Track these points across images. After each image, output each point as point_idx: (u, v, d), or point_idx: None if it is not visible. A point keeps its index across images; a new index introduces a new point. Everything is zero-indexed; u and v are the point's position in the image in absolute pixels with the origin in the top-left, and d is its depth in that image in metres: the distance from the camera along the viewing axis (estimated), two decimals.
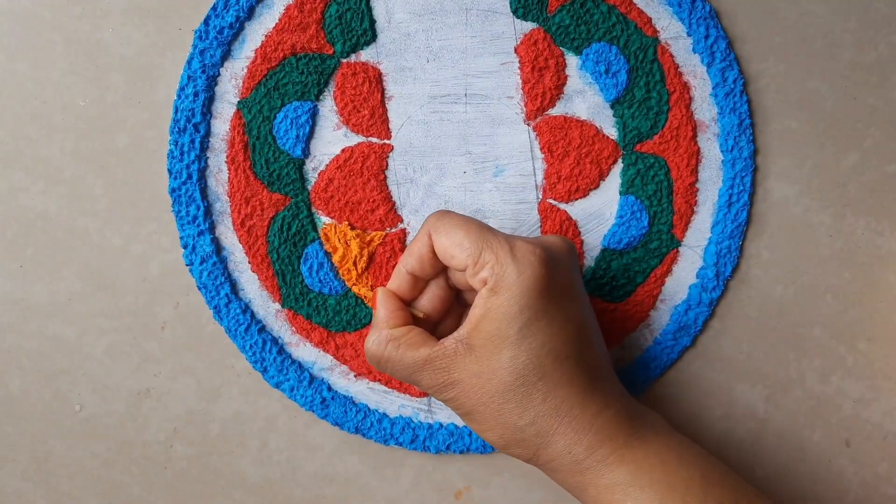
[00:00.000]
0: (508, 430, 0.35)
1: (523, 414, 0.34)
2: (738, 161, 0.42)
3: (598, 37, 0.42)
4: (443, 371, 0.35)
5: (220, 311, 0.42)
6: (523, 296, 0.33)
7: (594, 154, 0.42)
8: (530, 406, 0.34)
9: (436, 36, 0.42)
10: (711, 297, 0.42)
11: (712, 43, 0.42)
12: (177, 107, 0.41)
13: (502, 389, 0.34)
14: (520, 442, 0.35)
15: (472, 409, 0.35)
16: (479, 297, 0.34)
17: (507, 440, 0.35)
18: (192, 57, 0.41)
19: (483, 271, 0.34)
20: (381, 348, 0.36)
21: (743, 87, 0.42)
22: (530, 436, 0.34)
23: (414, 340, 0.36)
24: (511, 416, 0.34)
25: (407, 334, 0.36)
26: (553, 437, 0.34)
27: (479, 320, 0.34)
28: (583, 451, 0.34)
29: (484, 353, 0.34)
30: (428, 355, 0.35)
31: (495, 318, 0.34)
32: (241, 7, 0.41)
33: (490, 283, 0.34)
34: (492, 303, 0.34)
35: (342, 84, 0.41)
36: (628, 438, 0.35)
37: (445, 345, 0.35)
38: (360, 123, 0.42)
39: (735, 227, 0.42)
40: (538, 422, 0.34)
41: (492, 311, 0.34)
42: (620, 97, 0.42)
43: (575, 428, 0.34)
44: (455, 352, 0.34)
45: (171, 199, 0.41)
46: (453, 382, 0.35)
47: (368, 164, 0.42)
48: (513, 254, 0.34)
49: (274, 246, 0.42)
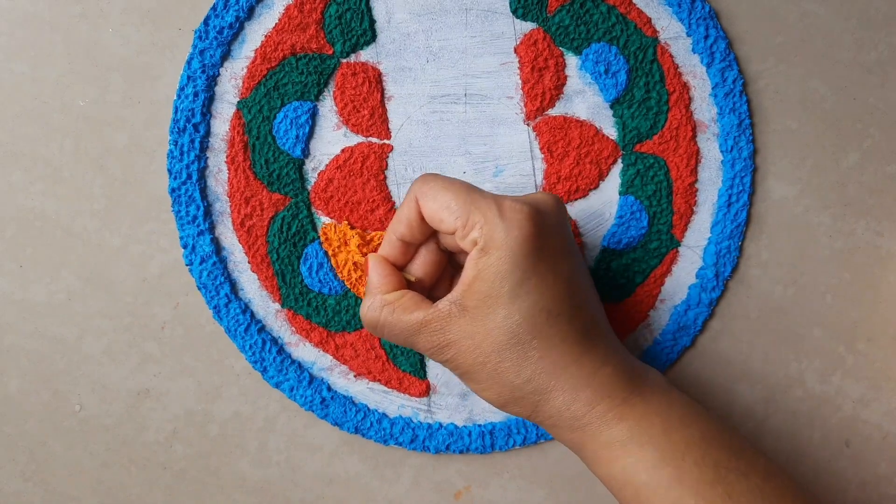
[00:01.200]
0: (506, 389, 0.35)
1: (520, 372, 0.34)
2: (738, 161, 0.42)
3: (598, 37, 0.42)
4: (438, 333, 0.35)
5: (220, 311, 0.42)
6: (513, 254, 0.34)
7: (594, 154, 0.42)
8: (526, 364, 0.34)
9: (435, 36, 0.41)
10: (711, 297, 0.42)
11: (712, 43, 0.42)
12: (176, 107, 0.41)
13: (497, 349, 0.34)
14: (518, 400, 0.35)
15: (469, 370, 0.35)
16: (470, 259, 0.34)
17: (506, 398, 0.35)
18: (192, 57, 0.41)
19: (473, 232, 0.34)
20: (376, 313, 0.36)
21: (742, 87, 0.42)
22: (528, 393, 0.35)
23: (408, 304, 0.36)
24: (508, 375, 0.34)
25: (401, 298, 0.36)
26: (550, 393, 0.34)
27: (472, 281, 0.34)
28: (581, 407, 0.34)
29: (478, 314, 0.34)
30: (423, 318, 0.35)
31: (487, 278, 0.34)
32: (240, 7, 0.41)
33: (480, 244, 0.34)
34: (482, 263, 0.34)
35: (342, 84, 0.41)
36: (628, 395, 0.35)
37: (440, 307, 0.35)
38: (360, 123, 0.42)
39: (735, 228, 0.42)
40: (535, 379, 0.34)
41: (483, 271, 0.34)
42: (620, 97, 0.42)
43: (572, 384, 0.34)
44: (449, 313, 0.35)
45: (171, 199, 0.41)
46: (449, 344, 0.35)
47: (368, 165, 0.42)
48: (501, 213, 0.34)
49: (274, 246, 0.42)
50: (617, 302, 0.43)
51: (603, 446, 0.34)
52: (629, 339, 0.43)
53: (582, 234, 0.42)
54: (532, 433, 0.42)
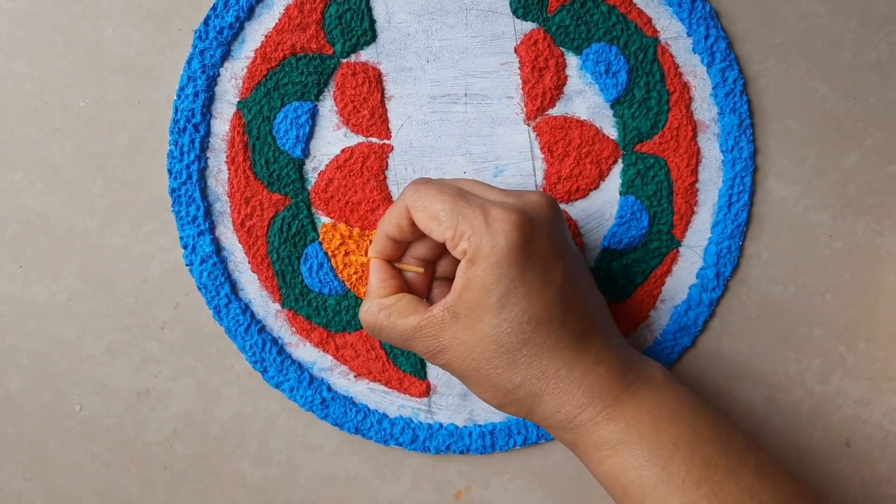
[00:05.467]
0: (500, 392, 0.35)
1: (511, 378, 0.35)
2: (739, 161, 0.42)
3: (598, 37, 0.42)
4: (432, 338, 0.35)
5: (220, 312, 0.42)
6: (499, 265, 0.34)
7: (594, 154, 0.42)
8: (517, 371, 0.35)
9: (436, 36, 0.41)
10: (711, 297, 0.42)
11: (712, 43, 0.42)
12: (177, 107, 0.41)
13: (488, 356, 0.35)
14: (512, 402, 0.36)
15: (464, 373, 0.36)
16: (460, 268, 0.35)
17: (501, 401, 0.36)
18: (192, 57, 0.41)
19: (462, 243, 0.34)
20: (373, 317, 0.37)
21: (743, 87, 0.42)
22: (521, 397, 0.35)
23: (404, 309, 0.36)
24: (500, 380, 0.35)
25: (397, 303, 0.37)
26: (542, 397, 0.35)
27: (462, 290, 0.35)
28: (572, 409, 0.35)
29: (469, 322, 0.35)
30: (417, 323, 0.36)
31: (475, 288, 0.34)
32: (240, 7, 0.41)
33: (469, 254, 0.34)
34: (471, 273, 0.34)
35: (342, 84, 0.41)
36: (620, 395, 0.35)
37: (434, 312, 0.35)
38: (360, 123, 0.41)
39: (735, 228, 0.42)
40: (526, 385, 0.35)
41: (471, 281, 0.34)
42: (620, 97, 0.42)
43: (563, 388, 0.35)
44: (443, 320, 0.35)
45: (171, 200, 0.41)
46: (443, 349, 0.35)
47: (368, 165, 0.42)
48: (487, 223, 0.34)
49: (274, 246, 0.42)
50: (617, 302, 0.43)
51: (593, 446, 0.35)
52: (630, 339, 0.43)
53: (582, 234, 0.42)
54: (532, 433, 0.42)
